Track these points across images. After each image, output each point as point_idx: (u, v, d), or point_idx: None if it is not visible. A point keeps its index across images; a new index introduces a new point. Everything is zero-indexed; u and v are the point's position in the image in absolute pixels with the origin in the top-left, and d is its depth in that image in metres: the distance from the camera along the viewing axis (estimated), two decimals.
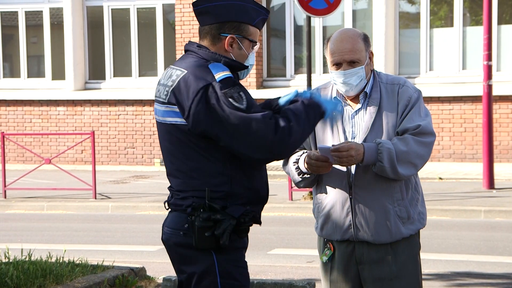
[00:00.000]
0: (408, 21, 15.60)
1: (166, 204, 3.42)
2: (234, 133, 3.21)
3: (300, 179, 3.68)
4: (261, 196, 3.39)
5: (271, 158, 3.29)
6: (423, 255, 3.82)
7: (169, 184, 3.46)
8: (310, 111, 3.34)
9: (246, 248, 3.44)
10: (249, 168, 3.33)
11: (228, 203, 3.27)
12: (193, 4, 3.39)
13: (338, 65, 3.61)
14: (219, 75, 3.24)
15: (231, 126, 3.20)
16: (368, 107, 3.63)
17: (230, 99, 3.20)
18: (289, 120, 3.28)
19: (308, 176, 3.66)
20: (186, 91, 3.25)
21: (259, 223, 3.44)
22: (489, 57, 11.90)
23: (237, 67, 3.38)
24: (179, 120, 3.28)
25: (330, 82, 3.77)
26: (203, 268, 3.30)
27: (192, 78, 3.25)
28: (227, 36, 3.35)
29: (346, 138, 3.63)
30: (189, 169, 3.30)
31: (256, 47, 3.45)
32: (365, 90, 3.65)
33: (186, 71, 3.29)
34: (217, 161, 3.28)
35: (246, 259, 3.44)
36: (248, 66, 3.44)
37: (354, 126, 3.64)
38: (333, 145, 3.52)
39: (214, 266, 3.28)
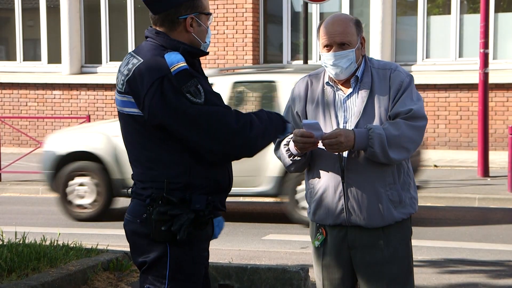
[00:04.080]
0: (405, 8, 15.58)
1: (129, 191, 3.36)
2: (194, 127, 3.15)
3: (291, 161, 3.68)
4: (221, 186, 3.32)
5: (231, 151, 3.21)
6: (416, 242, 3.85)
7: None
8: (273, 117, 3.36)
9: (210, 237, 3.36)
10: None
11: (187, 194, 3.19)
12: None
13: (328, 47, 3.63)
14: (175, 67, 3.13)
15: (190, 120, 3.14)
16: (359, 91, 3.64)
17: (187, 94, 3.12)
18: (251, 116, 3.27)
19: (299, 158, 3.66)
20: (141, 82, 3.16)
21: (223, 210, 3.37)
22: (485, 45, 11.90)
23: (197, 54, 3.31)
24: (136, 111, 3.20)
25: (321, 69, 3.78)
26: (154, 258, 3.24)
27: (146, 69, 3.16)
28: (186, 18, 3.26)
29: (338, 123, 3.64)
30: (147, 160, 3.23)
31: (212, 18, 3.38)
32: (356, 74, 3.66)
33: (141, 60, 3.20)
34: (175, 151, 3.21)
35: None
36: (207, 52, 3.38)
37: (346, 110, 3.65)
38: (325, 133, 3.53)
39: (166, 258, 3.22)
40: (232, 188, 3.45)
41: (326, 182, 3.66)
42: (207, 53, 3.38)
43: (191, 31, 3.28)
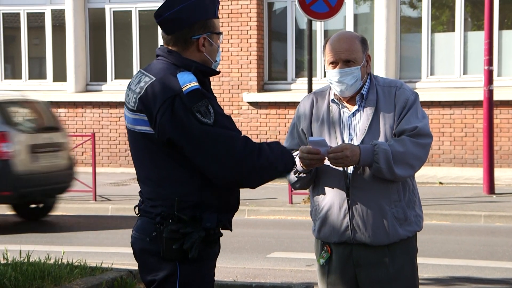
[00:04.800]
0: (409, 25, 15.60)
1: (136, 209, 3.36)
2: (200, 147, 3.15)
3: (296, 178, 3.68)
4: (230, 205, 3.32)
5: (233, 177, 3.18)
6: (422, 260, 3.83)
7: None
8: (285, 152, 3.34)
9: (217, 255, 3.37)
10: None
11: (197, 212, 3.20)
12: (156, 15, 3.29)
13: (334, 64, 3.64)
14: (187, 87, 3.15)
15: (197, 140, 3.14)
16: (365, 109, 3.65)
17: (197, 114, 3.13)
18: (262, 145, 3.24)
19: (304, 175, 3.66)
20: (153, 100, 3.17)
21: (230, 229, 3.37)
22: (490, 62, 11.89)
23: (209, 73, 3.33)
24: (148, 129, 3.21)
25: (327, 86, 3.79)
26: (163, 277, 3.23)
27: (159, 87, 3.18)
28: (199, 38, 3.28)
29: (343, 140, 3.65)
30: (158, 178, 3.24)
31: (222, 37, 3.41)
32: (362, 92, 3.67)
33: (154, 79, 3.21)
34: (186, 170, 3.21)
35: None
36: (219, 71, 3.41)
37: (351, 128, 3.66)
38: (330, 146, 3.54)
39: (176, 276, 3.21)
40: None
41: (331, 199, 3.66)
42: (218, 72, 3.41)
43: (203, 50, 3.31)
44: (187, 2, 3.25)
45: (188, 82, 3.16)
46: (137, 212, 3.36)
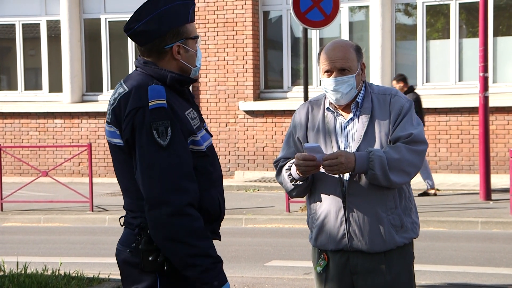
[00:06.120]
0: (404, 32, 15.64)
1: (122, 220, 3.34)
2: (139, 163, 3.09)
3: (293, 186, 3.69)
4: (211, 215, 3.25)
5: (148, 212, 3.06)
6: (420, 267, 3.83)
7: None
8: (207, 247, 3.08)
9: None
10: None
11: None
12: (125, 29, 3.25)
13: (329, 72, 3.66)
14: (154, 102, 3.09)
15: (140, 156, 3.09)
16: (360, 116, 3.67)
17: (154, 131, 3.07)
18: (192, 211, 3.07)
19: (301, 183, 3.68)
20: (124, 111, 3.14)
21: (217, 239, 3.31)
22: (485, 69, 11.92)
23: (185, 82, 3.27)
24: (121, 142, 3.18)
25: (322, 95, 3.81)
26: None
27: (130, 98, 3.14)
28: (172, 46, 3.22)
29: (339, 148, 3.66)
30: (136, 190, 3.18)
31: (200, 40, 3.33)
32: (357, 100, 3.69)
33: (127, 90, 3.18)
34: None
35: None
36: (196, 79, 3.34)
37: (347, 136, 3.68)
38: (326, 154, 3.55)
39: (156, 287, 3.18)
40: None
41: (328, 207, 3.67)
42: (195, 81, 3.34)
43: (178, 58, 3.24)
44: (154, 13, 3.19)
45: (156, 98, 3.10)
46: (121, 223, 3.34)
